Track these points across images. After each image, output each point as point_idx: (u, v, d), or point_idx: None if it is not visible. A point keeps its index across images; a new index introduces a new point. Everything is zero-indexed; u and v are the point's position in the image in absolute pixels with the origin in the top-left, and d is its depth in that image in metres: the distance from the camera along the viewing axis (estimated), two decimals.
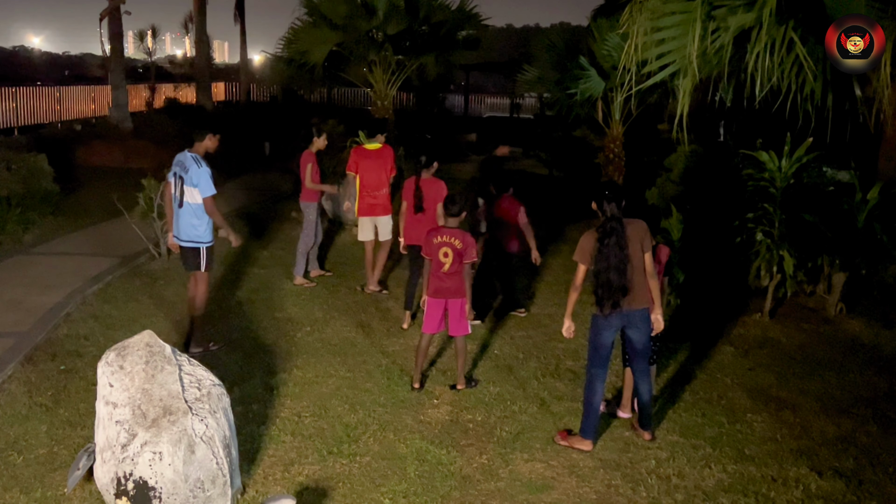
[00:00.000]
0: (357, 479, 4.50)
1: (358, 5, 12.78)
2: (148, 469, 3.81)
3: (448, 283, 5.58)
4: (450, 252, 5.52)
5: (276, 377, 5.84)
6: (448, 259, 5.53)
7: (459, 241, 5.54)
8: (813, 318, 7.62)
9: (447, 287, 5.59)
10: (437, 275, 5.59)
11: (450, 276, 5.56)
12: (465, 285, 5.61)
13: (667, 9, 5.14)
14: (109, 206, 9.90)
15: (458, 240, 5.54)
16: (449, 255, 5.53)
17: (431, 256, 5.60)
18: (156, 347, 4.23)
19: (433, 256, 5.59)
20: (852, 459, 4.91)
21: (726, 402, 5.72)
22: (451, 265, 5.53)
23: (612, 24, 9.67)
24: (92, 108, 22.05)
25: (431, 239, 5.60)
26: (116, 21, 17.93)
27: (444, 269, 5.55)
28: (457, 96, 30.50)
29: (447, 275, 5.57)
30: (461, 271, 5.58)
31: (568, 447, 4.93)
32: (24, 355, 6.02)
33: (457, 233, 5.59)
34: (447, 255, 5.53)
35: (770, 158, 7.33)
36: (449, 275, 5.56)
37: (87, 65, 53.27)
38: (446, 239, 5.56)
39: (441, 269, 5.57)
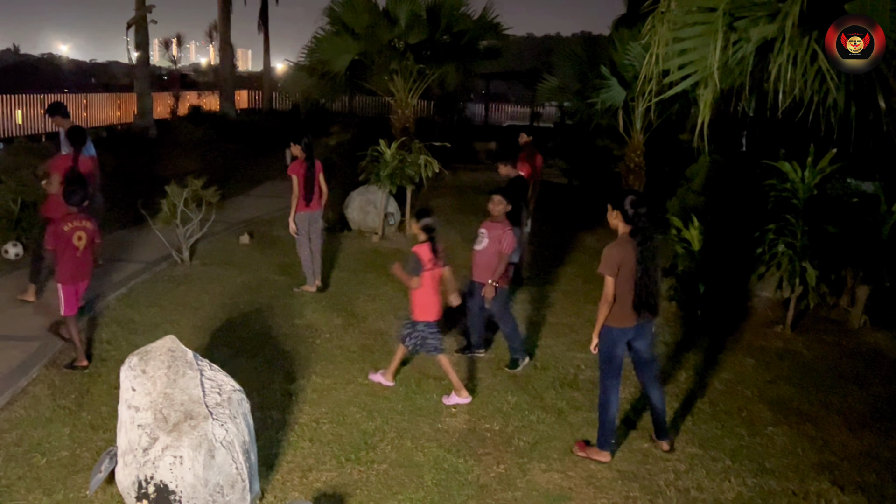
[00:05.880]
0: (374, 487, 4.51)
1: (380, 15, 12.89)
2: (169, 473, 3.86)
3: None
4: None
5: (295, 383, 5.88)
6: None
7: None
8: (835, 330, 7.53)
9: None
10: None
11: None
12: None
13: (688, 20, 5.13)
14: (133, 212, 10.03)
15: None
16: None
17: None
18: (178, 352, 4.29)
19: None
20: (875, 474, 4.85)
21: (746, 414, 5.67)
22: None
23: (634, 34, 9.67)
24: (118, 115, 22.36)
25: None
26: (143, 30, 18.21)
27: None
28: (477, 105, 30.56)
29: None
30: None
31: (585, 458, 4.91)
32: (48, 359, 6.12)
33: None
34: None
35: (793, 169, 7.27)
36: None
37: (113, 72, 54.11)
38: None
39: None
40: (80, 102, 20.65)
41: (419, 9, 12.84)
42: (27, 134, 17.56)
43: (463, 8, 13.31)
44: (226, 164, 16.35)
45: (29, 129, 17.97)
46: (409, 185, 10.94)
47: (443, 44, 13.47)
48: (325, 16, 13.27)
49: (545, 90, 12.36)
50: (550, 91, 12.38)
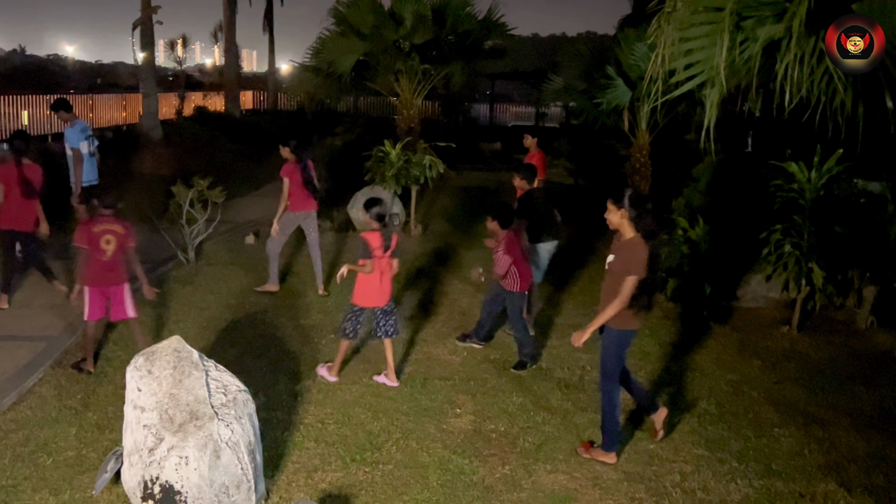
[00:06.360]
0: (379, 487, 4.51)
1: (385, 15, 12.89)
2: (174, 473, 3.86)
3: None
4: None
5: (300, 384, 5.88)
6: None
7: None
8: (842, 331, 7.50)
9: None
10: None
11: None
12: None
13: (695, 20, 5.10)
14: (139, 213, 10.05)
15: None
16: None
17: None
18: (183, 353, 4.29)
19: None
20: (882, 476, 4.82)
21: (753, 415, 5.65)
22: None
23: (640, 34, 9.63)
24: (123, 116, 22.39)
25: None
26: (148, 31, 18.22)
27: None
28: (482, 105, 30.54)
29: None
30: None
31: (591, 459, 4.90)
32: (55, 359, 6.13)
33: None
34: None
35: (799, 169, 7.24)
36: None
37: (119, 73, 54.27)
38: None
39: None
40: (85, 103, 20.69)
41: (424, 9, 12.83)
42: (33, 135, 17.61)
43: (468, 8, 13.30)
44: (231, 165, 16.37)
45: (35, 130, 18.01)
46: (414, 186, 10.94)
47: (448, 44, 13.47)
48: (330, 16, 13.29)
49: (550, 90, 12.33)
50: (556, 91, 12.34)
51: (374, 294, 5.87)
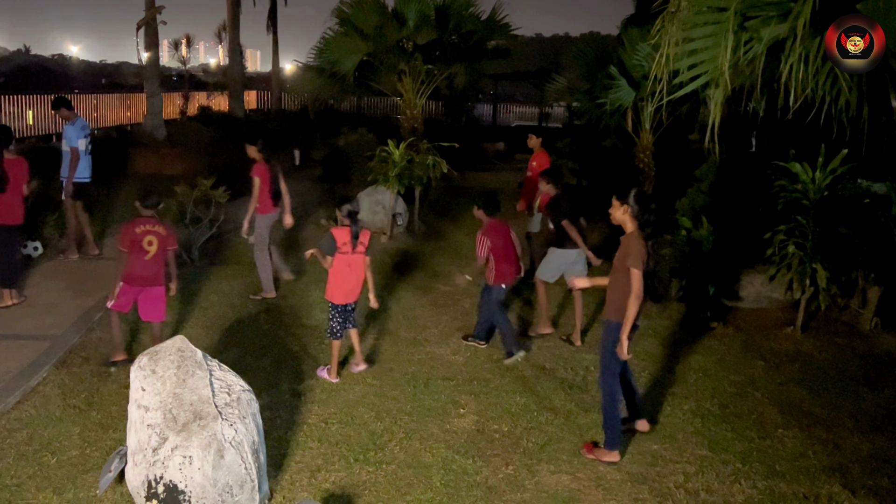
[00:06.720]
0: (383, 487, 4.51)
1: (389, 15, 12.90)
2: (178, 473, 3.87)
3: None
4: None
5: (303, 384, 5.88)
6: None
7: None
8: (846, 332, 7.49)
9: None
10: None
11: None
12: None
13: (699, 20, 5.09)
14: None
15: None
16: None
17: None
18: (187, 352, 4.30)
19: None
20: (886, 478, 4.81)
21: (757, 416, 5.64)
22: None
23: (643, 34, 9.62)
24: (128, 116, 22.44)
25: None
26: (152, 31, 18.24)
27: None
28: (485, 105, 30.53)
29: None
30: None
31: (594, 460, 4.90)
32: (59, 358, 6.14)
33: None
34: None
35: (803, 170, 7.23)
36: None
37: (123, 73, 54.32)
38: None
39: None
40: (90, 103, 20.74)
41: (428, 9, 12.84)
42: (38, 134, 17.65)
43: (471, 8, 13.30)
44: (235, 164, 16.37)
45: (39, 130, 18.05)
46: (417, 186, 10.93)
47: (451, 44, 13.47)
48: (333, 16, 13.30)
49: (554, 90, 12.33)
50: (559, 91, 12.35)
51: (347, 289, 6.00)
